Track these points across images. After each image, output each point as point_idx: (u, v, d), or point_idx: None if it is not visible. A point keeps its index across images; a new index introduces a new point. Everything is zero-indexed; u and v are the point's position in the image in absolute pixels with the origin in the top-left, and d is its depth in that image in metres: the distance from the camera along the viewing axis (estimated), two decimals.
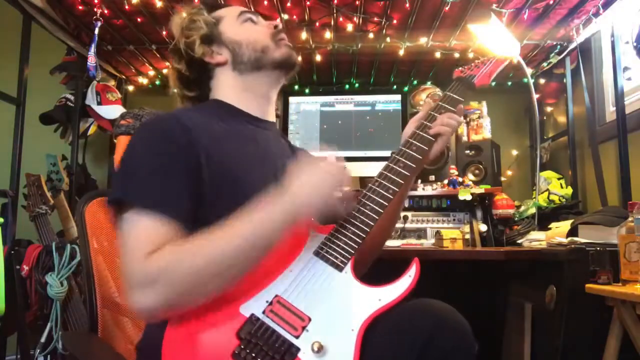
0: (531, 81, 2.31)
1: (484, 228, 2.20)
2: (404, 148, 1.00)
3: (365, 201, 0.93)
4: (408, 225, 2.27)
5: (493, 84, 2.63)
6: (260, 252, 0.82)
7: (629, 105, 2.00)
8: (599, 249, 1.34)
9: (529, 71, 2.35)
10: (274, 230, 0.82)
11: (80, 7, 2.07)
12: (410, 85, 2.83)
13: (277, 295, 0.83)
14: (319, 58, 2.51)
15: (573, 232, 1.55)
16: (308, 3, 2.02)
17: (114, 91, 2.56)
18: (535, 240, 1.87)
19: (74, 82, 2.53)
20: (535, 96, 2.31)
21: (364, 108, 2.73)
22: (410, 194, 2.21)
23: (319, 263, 0.87)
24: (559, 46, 2.34)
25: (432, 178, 2.34)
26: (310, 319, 0.81)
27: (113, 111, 2.46)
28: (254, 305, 0.82)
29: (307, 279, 0.85)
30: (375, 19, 2.14)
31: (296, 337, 0.79)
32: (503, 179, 2.62)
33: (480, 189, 2.20)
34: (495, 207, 2.20)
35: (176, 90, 1.13)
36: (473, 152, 2.41)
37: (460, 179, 2.29)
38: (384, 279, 0.88)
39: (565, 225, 1.67)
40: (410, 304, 0.84)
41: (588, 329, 1.35)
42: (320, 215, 0.90)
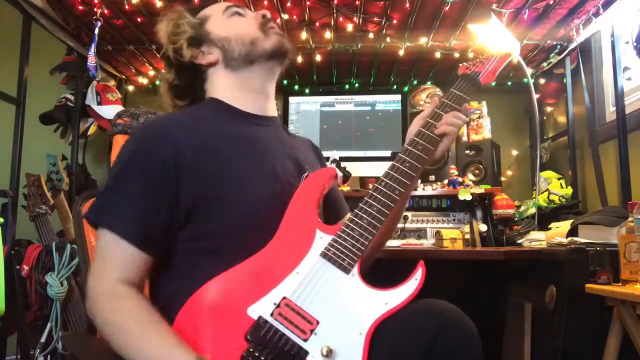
0: (531, 81, 2.31)
1: (484, 228, 2.20)
2: (410, 147, 0.98)
3: (372, 202, 0.92)
4: (408, 225, 2.27)
5: (493, 84, 2.64)
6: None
7: (629, 105, 2.00)
8: (599, 249, 1.34)
9: (529, 71, 2.35)
10: None
11: (80, 7, 2.07)
12: (410, 85, 2.83)
13: (285, 298, 0.83)
14: (319, 58, 2.51)
15: (573, 232, 1.55)
16: (308, 3, 2.02)
17: (114, 91, 2.56)
18: (535, 240, 1.87)
19: (74, 82, 2.53)
20: (535, 96, 2.31)
21: (364, 108, 2.73)
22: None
23: (326, 265, 0.86)
24: (559, 46, 2.33)
25: (432, 178, 2.34)
26: (318, 322, 0.81)
27: (113, 111, 2.44)
28: (261, 308, 0.82)
29: (315, 282, 0.85)
30: (375, 19, 2.14)
31: (305, 341, 0.79)
32: (503, 179, 2.62)
33: (480, 189, 2.20)
34: (495, 207, 2.20)
35: (169, 101, 1.11)
36: (473, 152, 2.41)
37: (460, 179, 2.29)
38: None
39: (565, 225, 1.67)
40: (416, 304, 0.83)
41: (588, 329, 1.35)
42: None
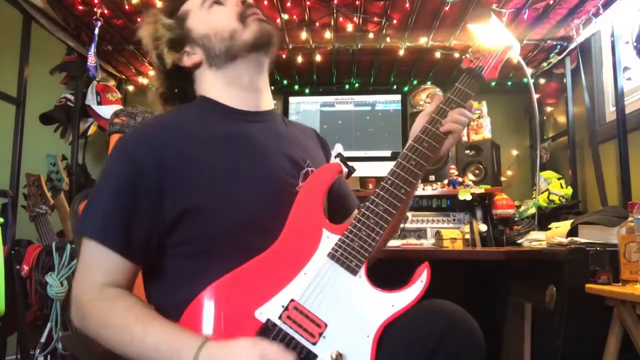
0: (531, 81, 2.30)
1: (484, 228, 2.21)
2: (415, 144, 0.96)
3: (379, 200, 0.90)
4: (408, 225, 2.27)
5: (493, 83, 2.64)
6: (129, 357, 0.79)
7: (629, 105, 2.00)
8: (599, 249, 1.34)
9: (529, 71, 2.35)
10: None
11: (80, 7, 2.06)
12: (410, 85, 2.83)
13: (293, 300, 0.82)
14: (319, 58, 2.50)
15: (573, 232, 1.55)
16: (308, 3, 2.02)
17: (114, 91, 2.56)
18: (535, 240, 1.87)
19: (74, 82, 2.53)
20: (535, 96, 2.31)
21: (364, 108, 2.73)
22: None
23: (334, 267, 0.85)
24: (559, 46, 2.33)
25: (432, 178, 2.34)
26: (326, 325, 0.80)
27: (113, 111, 2.46)
28: (269, 310, 0.81)
29: (323, 284, 0.84)
30: (375, 19, 2.14)
31: (313, 344, 0.79)
32: (503, 179, 2.62)
33: (480, 189, 2.21)
34: (495, 207, 2.21)
35: (160, 108, 1.07)
36: (473, 152, 2.41)
37: (460, 179, 2.29)
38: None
39: (565, 225, 1.67)
40: (421, 305, 0.83)
41: (588, 329, 1.35)
42: None
